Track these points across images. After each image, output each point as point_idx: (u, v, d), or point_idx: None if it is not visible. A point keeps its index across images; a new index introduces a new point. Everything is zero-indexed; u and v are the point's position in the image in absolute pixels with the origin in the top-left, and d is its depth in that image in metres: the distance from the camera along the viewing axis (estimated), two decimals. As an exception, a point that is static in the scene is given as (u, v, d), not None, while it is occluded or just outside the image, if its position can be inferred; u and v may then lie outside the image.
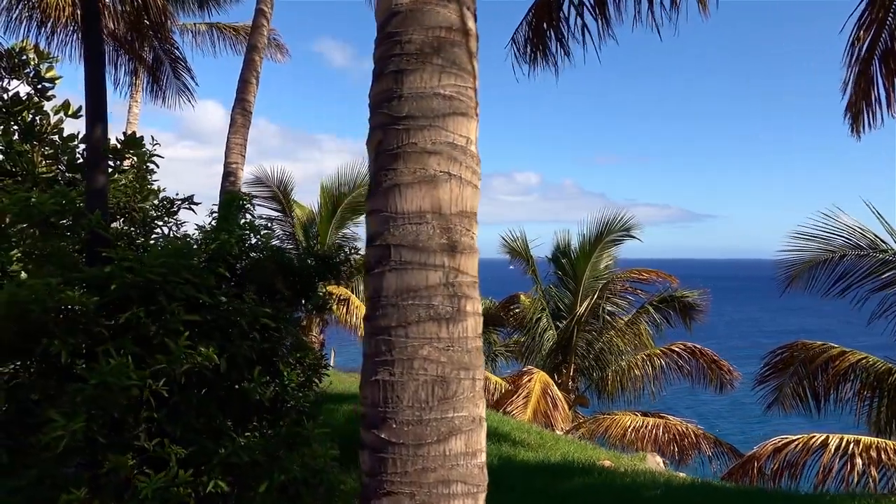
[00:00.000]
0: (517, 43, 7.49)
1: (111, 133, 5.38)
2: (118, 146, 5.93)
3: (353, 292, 12.89)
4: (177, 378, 4.20)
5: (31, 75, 6.57)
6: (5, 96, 6.36)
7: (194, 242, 5.53)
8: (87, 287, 4.34)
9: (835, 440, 8.76)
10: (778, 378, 10.67)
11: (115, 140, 5.88)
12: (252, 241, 5.54)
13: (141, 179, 5.98)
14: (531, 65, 7.34)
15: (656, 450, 11.79)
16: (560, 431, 11.41)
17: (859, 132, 7.16)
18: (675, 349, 13.35)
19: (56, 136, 6.46)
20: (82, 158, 6.37)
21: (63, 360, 4.19)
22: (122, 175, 6.04)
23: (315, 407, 5.56)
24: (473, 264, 2.20)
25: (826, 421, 10.11)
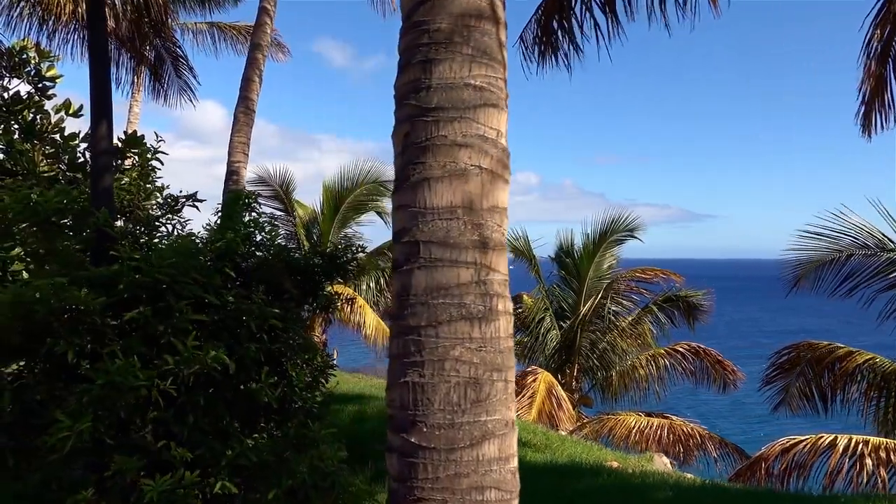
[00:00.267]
0: (525, 41, 7.41)
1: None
2: (119, 145, 5.86)
3: (355, 291, 12.81)
4: (185, 379, 4.12)
5: (31, 74, 6.50)
6: (6, 95, 6.29)
7: (199, 241, 5.47)
8: (93, 286, 4.26)
9: (843, 440, 8.70)
10: (784, 378, 10.61)
11: (117, 139, 5.81)
12: (257, 238, 5.48)
13: (144, 177, 5.91)
14: (540, 63, 7.26)
15: (660, 450, 11.72)
16: (564, 432, 11.33)
17: (871, 133, 7.08)
18: (680, 349, 13.29)
19: (57, 135, 6.40)
20: (83, 158, 6.31)
21: (70, 360, 4.12)
22: (123, 174, 5.97)
23: (323, 408, 5.49)
24: (504, 261, 2.12)
25: (828, 421, 10.06)
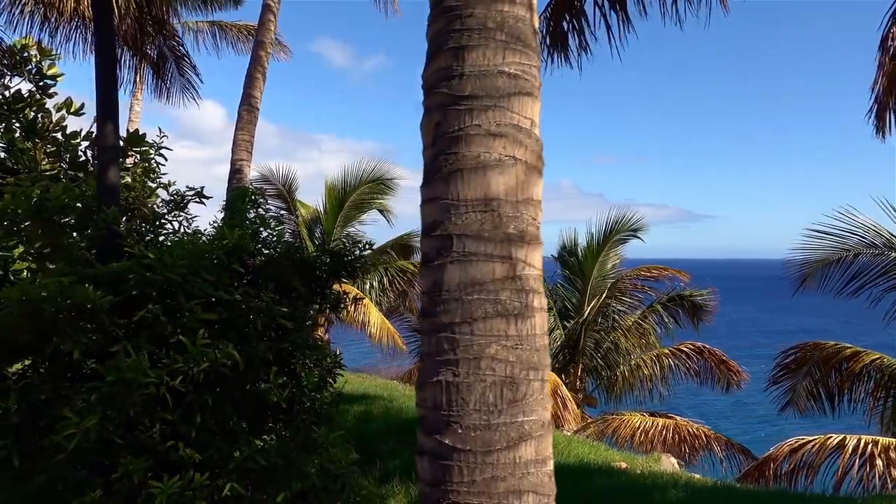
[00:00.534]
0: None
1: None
2: (121, 144, 5.80)
3: (358, 290, 12.72)
4: (194, 377, 4.05)
5: (32, 72, 6.43)
6: (7, 93, 6.22)
7: (206, 237, 5.41)
8: (100, 284, 4.18)
9: (853, 441, 8.63)
10: (791, 379, 10.54)
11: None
12: (263, 234, 5.41)
13: (148, 173, 5.84)
14: (548, 62, 7.17)
15: (665, 451, 11.65)
16: (569, 432, 11.26)
17: (885, 133, 7.01)
18: (684, 349, 13.23)
19: (58, 133, 6.33)
20: (85, 156, 6.24)
21: (75, 359, 4.05)
22: (125, 172, 5.90)
23: (332, 408, 5.41)
24: (540, 256, 2.04)
25: (829, 421, 10.01)
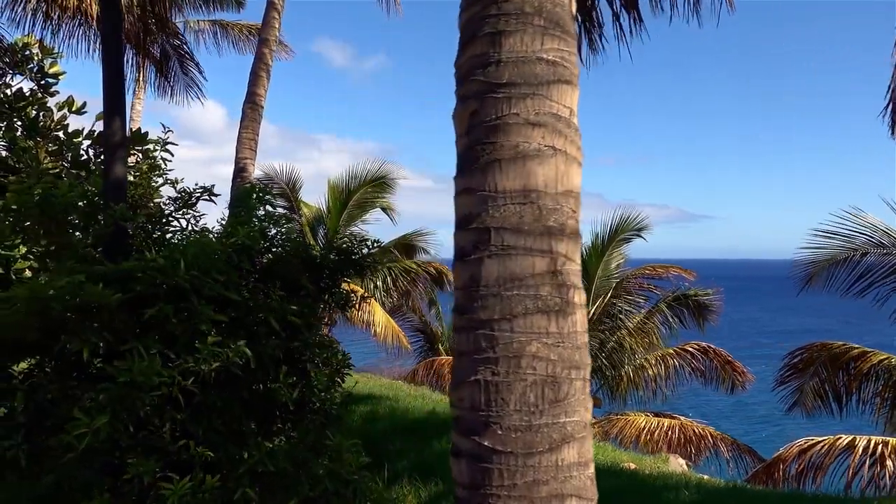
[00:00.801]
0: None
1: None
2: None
3: (363, 289, 12.64)
4: (205, 377, 3.99)
5: (34, 71, 6.37)
6: (8, 92, 6.16)
7: (214, 235, 5.37)
8: (108, 282, 4.11)
9: (862, 441, 8.58)
10: (798, 379, 10.49)
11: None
12: (272, 232, 5.35)
13: (155, 169, 5.78)
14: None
15: (670, 451, 11.59)
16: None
17: (901, 133, 6.91)
18: (689, 349, 13.17)
19: (60, 132, 6.27)
20: (86, 155, 6.19)
21: (85, 358, 3.99)
22: (129, 170, 5.85)
23: (342, 409, 5.34)
24: (579, 250, 1.96)
25: (831, 422, 9.97)
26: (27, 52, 6.40)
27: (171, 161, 5.70)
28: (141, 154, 6.13)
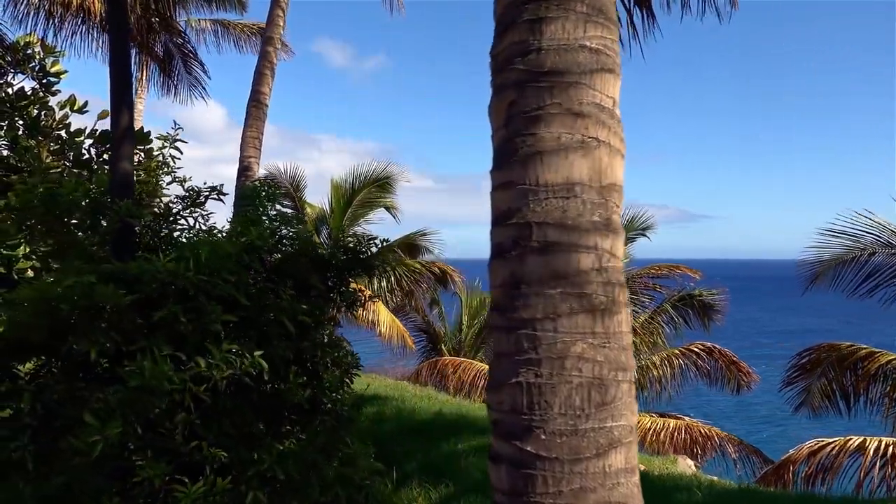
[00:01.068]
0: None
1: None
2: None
3: (367, 289, 12.55)
4: (217, 384, 3.92)
5: (36, 70, 6.29)
6: (10, 91, 6.08)
7: (220, 233, 5.30)
8: (116, 282, 4.03)
9: (873, 443, 8.51)
10: (806, 380, 10.43)
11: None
12: (283, 232, 5.29)
13: (163, 167, 5.70)
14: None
15: (676, 452, 11.51)
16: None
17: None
18: (694, 349, 13.10)
19: (62, 131, 6.20)
20: (88, 154, 6.11)
21: (92, 359, 3.91)
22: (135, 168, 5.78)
23: (353, 411, 5.26)
24: (622, 246, 1.88)
25: (834, 422, 9.90)
26: (29, 51, 6.33)
27: (179, 159, 5.62)
28: (143, 153, 6.06)
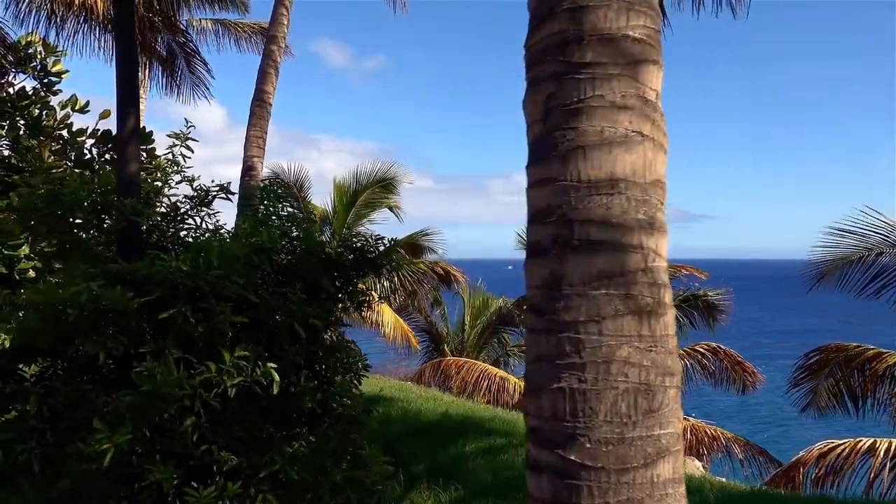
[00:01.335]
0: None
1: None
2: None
3: (370, 289, 12.48)
4: (227, 391, 3.85)
5: (37, 69, 6.22)
6: (11, 91, 6.01)
7: (226, 233, 5.25)
8: (123, 283, 3.95)
9: (883, 444, 8.45)
10: (813, 380, 10.37)
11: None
12: (294, 233, 5.22)
13: (174, 165, 5.63)
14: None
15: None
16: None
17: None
18: (699, 349, 13.04)
19: (64, 131, 6.14)
20: (90, 154, 6.05)
21: (100, 362, 3.84)
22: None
23: (364, 414, 5.18)
24: (666, 245, 1.80)
25: (836, 423, 9.83)
26: (30, 51, 6.26)
27: (190, 157, 5.54)
28: (146, 154, 5.99)
